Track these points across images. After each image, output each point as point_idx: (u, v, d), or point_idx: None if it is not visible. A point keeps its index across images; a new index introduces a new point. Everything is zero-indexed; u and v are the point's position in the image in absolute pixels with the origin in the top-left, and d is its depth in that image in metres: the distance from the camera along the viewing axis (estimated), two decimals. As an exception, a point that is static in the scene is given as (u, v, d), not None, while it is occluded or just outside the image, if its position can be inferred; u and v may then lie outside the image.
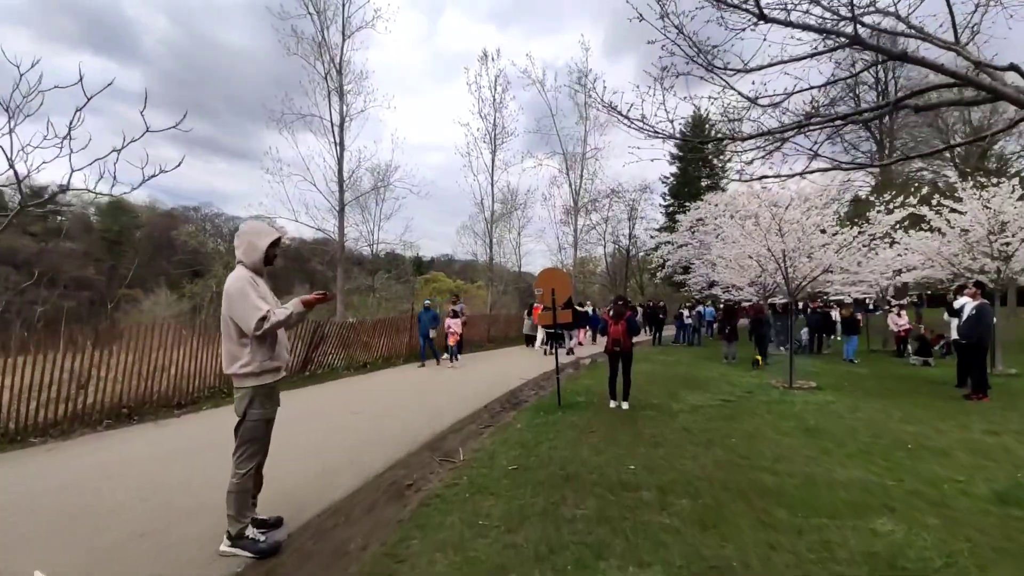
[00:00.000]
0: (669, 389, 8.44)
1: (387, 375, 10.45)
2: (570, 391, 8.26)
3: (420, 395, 8.21)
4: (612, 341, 6.77)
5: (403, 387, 9.02)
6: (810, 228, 8.00)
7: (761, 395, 7.96)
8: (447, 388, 8.95)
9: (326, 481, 4.19)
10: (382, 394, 8.34)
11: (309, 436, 5.51)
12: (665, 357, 13.77)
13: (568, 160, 26.26)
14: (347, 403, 7.40)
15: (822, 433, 5.54)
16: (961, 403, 7.31)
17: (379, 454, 4.92)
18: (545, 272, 7.08)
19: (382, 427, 6.01)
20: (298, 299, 2.97)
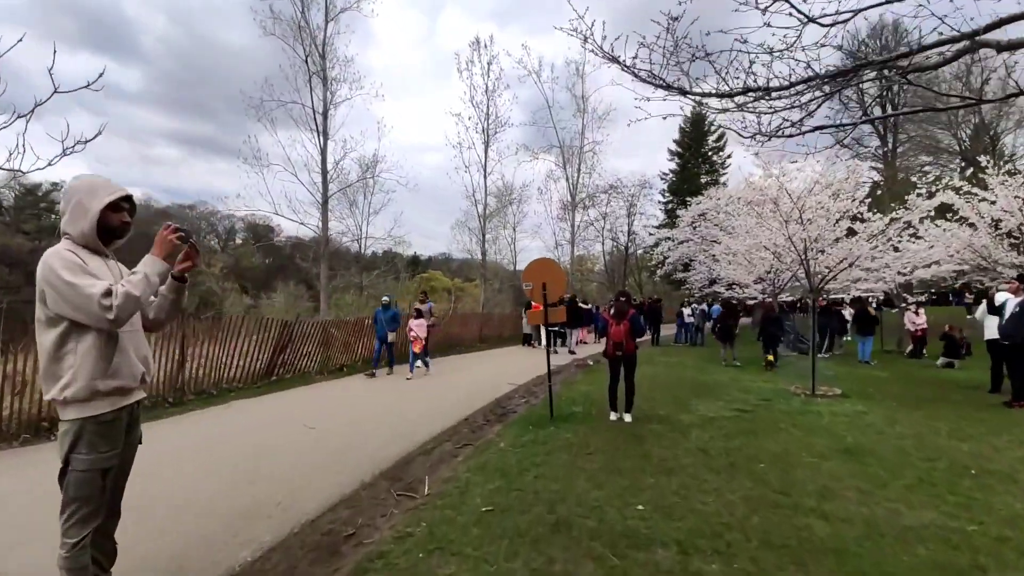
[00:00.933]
0: (676, 396, 7.49)
1: (362, 381, 9.46)
2: (565, 399, 7.30)
3: (394, 404, 7.23)
4: (613, 344, 5.81)
5: (376, 395, 8.04)
6: (835, 214, 7.06)
7: (781, 404, 7.02)
8: (426, 396, 7.97)
9: (238, 531, 3.21)
10: (350, 403, 7.36)
11: (241, 461, 4.54)
12: (667, 359, 12.83)
13: (565, 153, 25.31)
14: (306, 415, 6.41)
15: (866, 455, 4.60)
16: (1005, 413, 6.40)
17: (323, 487, 3.95)
18: (534, 264, 6.13)
19: (337, 447, 5.04)
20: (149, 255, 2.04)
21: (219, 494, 3.79)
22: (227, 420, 6.20)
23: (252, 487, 3.93)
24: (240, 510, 3.51)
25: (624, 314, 5.82)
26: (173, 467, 4.36)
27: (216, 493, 3.81)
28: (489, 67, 21.58)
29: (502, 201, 23.96)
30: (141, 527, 3.06)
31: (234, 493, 3.80)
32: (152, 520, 3.26)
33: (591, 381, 8.95)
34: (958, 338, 12.66)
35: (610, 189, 32.75)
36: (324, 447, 5.04)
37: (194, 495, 3.75)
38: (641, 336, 6.01)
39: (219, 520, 3.34)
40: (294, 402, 7.41)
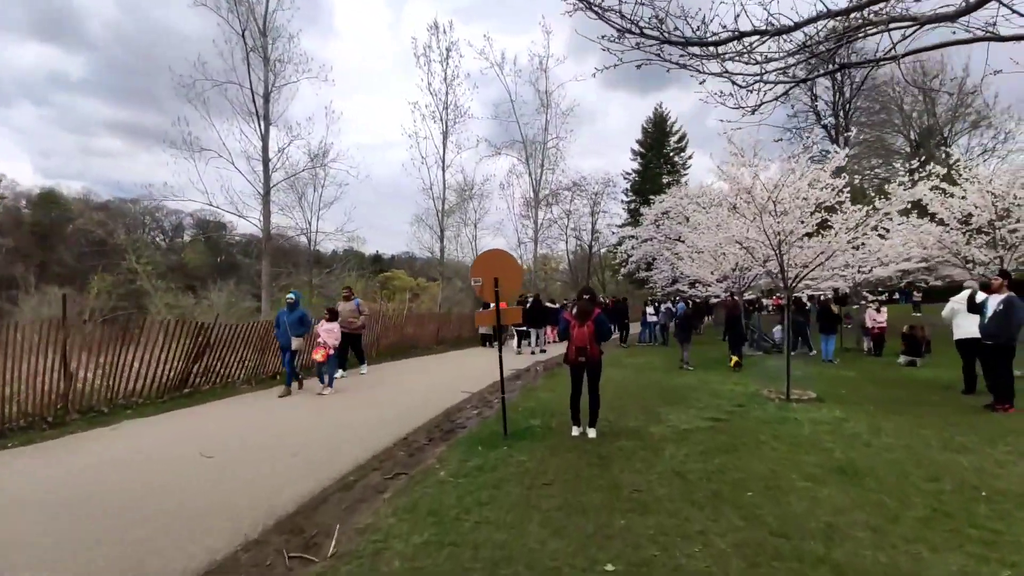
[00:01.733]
0: (645, 404, 6.82)
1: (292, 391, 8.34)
2: (523, 410, 6.49)
3: (320, 423, 6.21)
4: (575, 349, 5.02)
5: (302, 410, 6.96)
6: (812, 204, 6.55)
7: (756, 410, 6.45)
8: (362, 410, 6.98)
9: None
10: (266, 422, 6.25)
11: (92, 513, 3.47)
12: (634, 360, 12.25)
13: (528, 149, 24.59)
14: (207, 439, 5.32)
15: (863, 475, 3.99)
16: (990, 417, 6.03)
17: (189, 550, 2.95)
18: (485, 256, 5.26)
19: (231, 485, 4.02)
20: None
21: (41, 564, 2.74)
22: (102, 449, 5.04)
23: (89, 553, 2.89)
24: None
25: (588, 314, 5.04)
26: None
27: (40, 560, 2.75)
28: (448, 54, 20.56)
29: (462, 196, 22.98)
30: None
31: (58, 568, 2.76)
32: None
33: (554, 387, 8.18)
34: (919, 337, 12.71)
35: (574, 187, 32.39)
36: (214, 485, 4.01)
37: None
38: (607, 339, 5.26)
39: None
40: (200, 422, 6.25)
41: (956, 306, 7.29)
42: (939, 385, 8.42)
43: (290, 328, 7.83)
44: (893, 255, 8.07)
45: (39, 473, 4.31)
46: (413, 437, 5.42)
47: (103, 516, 3.38)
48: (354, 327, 9.74)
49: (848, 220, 6.11)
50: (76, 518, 3.36)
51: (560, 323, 5.25)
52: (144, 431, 5.78)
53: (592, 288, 5.47)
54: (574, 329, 5.04)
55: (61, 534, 3.12)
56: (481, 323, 5.34)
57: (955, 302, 7.32)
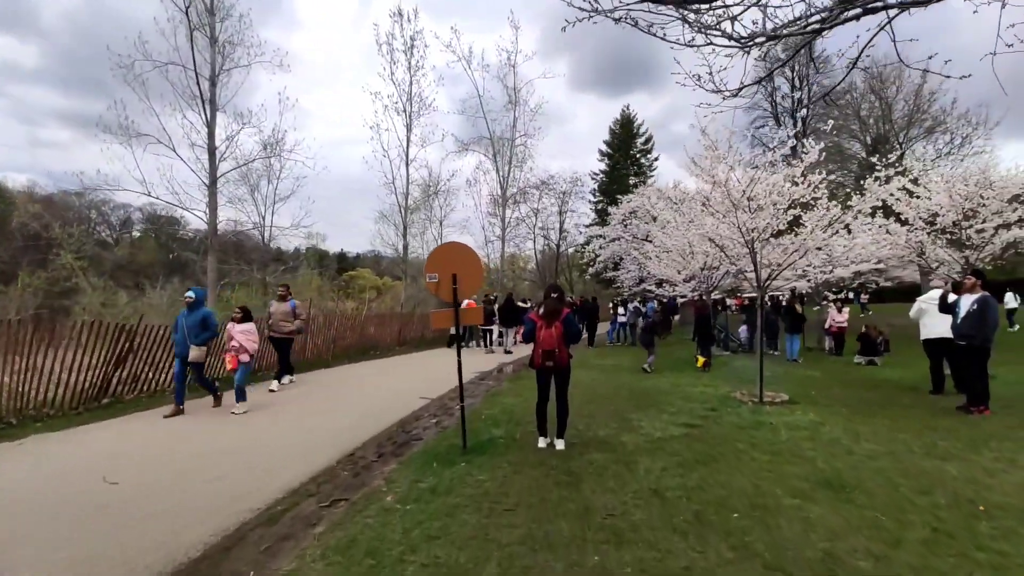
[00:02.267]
0: (615, 409, 6.43)
1: (229, 399, 7.55)
2: (486, 418, 5.98)
3: (257, 435, 5.52)
4: (542, 352, 4.55)
5: (236, 423, 6.20)
6: (787, 200, 6.32)
7: (730, 414, 6.16)
8: (311, 418, 6.31)
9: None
10: (194, 436, 5.49)
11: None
12: (603, 361, 11.93)
13: (496, 145, 24.06)
14: (118, 459, 4.57)
15: (851, 488, 3.68)
16: (965, 420, 5.91)
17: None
18: (442, 250, 4.71)
19: (128, 521, 3.33)
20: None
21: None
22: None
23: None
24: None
25: (557, 314, 4.58)
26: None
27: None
28: (413, 43, 19.78)
29: (427, 192, 22.24)
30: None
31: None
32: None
33: (520, 391, 7.71)
34: (874, 336, 12.96)
35: (542, 185, 32.13)
36: (111, 520, 3.32)
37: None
38: (576, 341, 4.81)
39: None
40: (113, 438, 5.43)
41: (924, 306, 7.24)
42: (905, 385, 8.42)
43: (189, 333, 6.37)
44: (865, 254, 7.99)
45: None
46: (361, 453, 4.82)
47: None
48: (286, 332, 8.61)
49: (824, 217, 5.90)
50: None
51: (525, 324, 4.77)
52: (50, 449, 4.96)
53: (560, 286, 5.00)
54: (541, 331, 4.57)
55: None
56: (438, 324, 4.76)
57: (923, 302, 7.28)
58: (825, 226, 5.94)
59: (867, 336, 12.88)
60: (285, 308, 8.63)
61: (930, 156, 19.44)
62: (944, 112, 18.58)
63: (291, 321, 8.63)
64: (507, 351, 14.40)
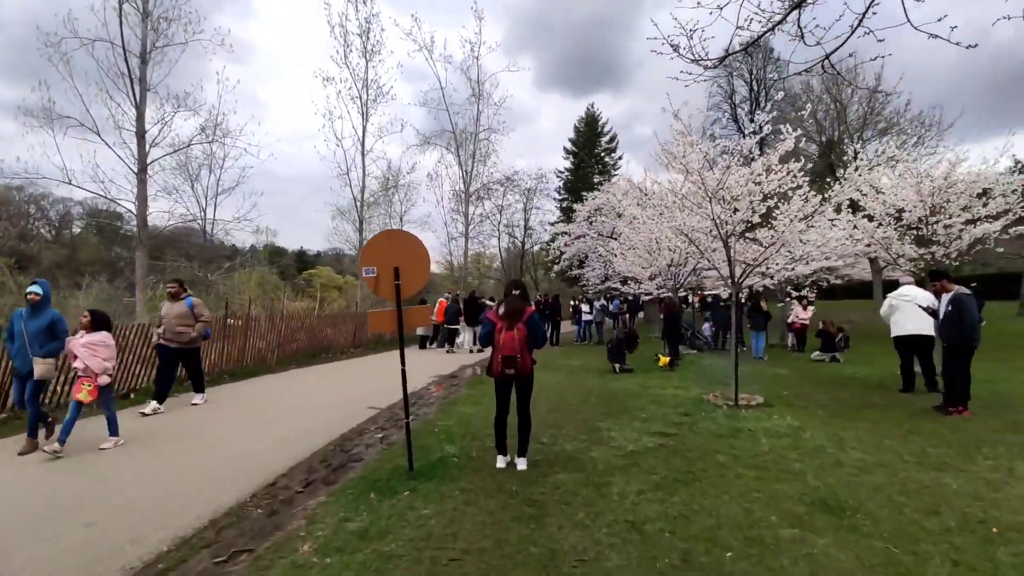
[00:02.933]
0: (583, 417, 5.87)
1: (128, 418, 6.54)
2: (440, 431, 5.29)
3: (156, 461, 4.63)
4: (503, 359, 3.90)
5: (136, 445, 5.29)
6: (763, 191, 5.92)
7: (705, 419, 5.71)
8: (233, 436, 5.45)
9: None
10: (75, 465, 4.58)
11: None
12: (568, 362, 11.42)
13: (459, 138, 23.25)
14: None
15: (852, 511, 3.22)
16: (947, 422, 5.65)
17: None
18: (379, 239, 3.95)
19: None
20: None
21: None
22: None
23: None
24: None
25: (520, 314, 3.94)
26: None
27: None
28: (369, 26, 18.68)
29: (387, 186, 21.19)
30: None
31: None
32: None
33: (479, 398, 7.05)
34: (834, 332, 13.05)
35: (507, 181, 31.51)
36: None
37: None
38: (542, 345, 4.20)
39: None
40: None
41: (895, 302, 7.05)
42: (872, 383, 8.26)
43: (31, 341, 4.78)
44: (841, 250, 7.78)
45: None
46: (285, 482, 4.04)
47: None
48: (184, 340, 6.68)
49: (804, 207, 5.52)
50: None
51: (483, 326, 4.11)
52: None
53: (522, 282, 4.36)
54: (501, 333, 3.92)
55: None
56: (377, 328, 4.03)
57: (894, 298, 7.09)
58: (803, 218, 5.57)
59: (826, 332, 13.00)
60: (180, 309, 6.67)
61: (883, 158, 20.15)
62: (898, 114, 19.15)
63: (191, 325, 6.71)
64: (471, 351, 13.79)
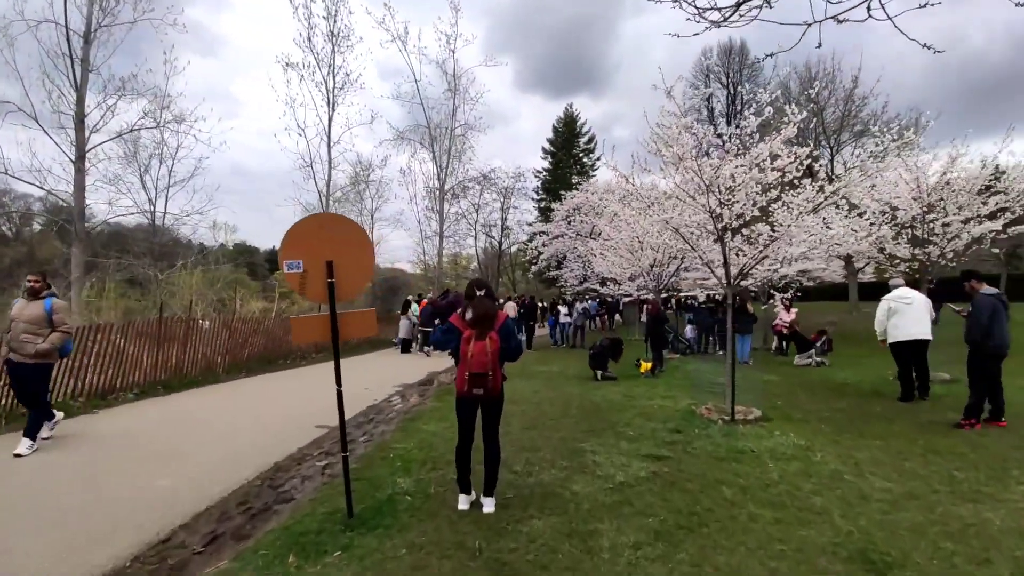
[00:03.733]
0: (564, 436, 5.13)
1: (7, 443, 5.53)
2: (393, 457, 4.48)
3: (27, 500, 3.70)
4: (471, 377, 3.10)
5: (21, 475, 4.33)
6: (767, 181, 5.30)
7: (700, 438, 5.04)
8: (124, 470, 4.51)
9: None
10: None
11: None
12: (546, 368, 10.69)
13: (433, 133, 22.35)
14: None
15: (898, 567, 2.56)
16: (961, 436, 5.11)
17: None
18: (306, 225, 3.05)
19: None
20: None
21: None
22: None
23: None
24: None
25: (491, 321, 3.17)
26: None
27: None
28: (336, 8, 17.56)
29: (356, 180, 20.11)
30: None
31: None
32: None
33: (446, 412, 6.23)
34: (815, 336, 12.74)
35: (484, 180, 30.66)
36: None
37: None
38: (516, 357, 3.42)
39: None
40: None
41: (894, 304, 6.55)
42: (866, 391, 7.79)
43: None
44: (846, 247, 7.25)
45: None
46: (184, 536, 3.16)
47: None
48: (27, 353, 4.79)
49: (816, 197, 4.89)
50: None
51: (442, 333, 3.33)
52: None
53: (486, 281, 3.59)
54: (470, 344, 3.13)
55: None
56: (302, 338, 3.18)
57: (891, 300, 6.58)
58: (812, 209, 4.94)
59: (796, 333, 12.69)
60: (34, 311, 4.88)
61: (860, 158, 20.14)
62: (874, 116, 19.12)
63: (42, 334, 4.86)
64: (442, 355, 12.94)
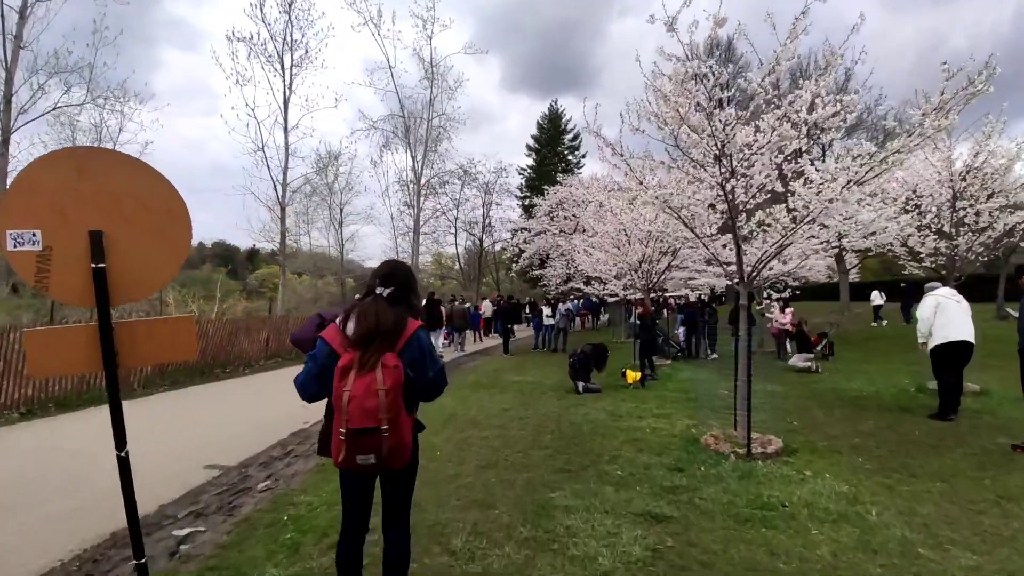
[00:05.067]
0: (530, 480, 3.88)
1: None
2: (287, 522, 3.16)
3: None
4: (350, 436, 1.74)
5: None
6: (792, 143, 4.11)
7: (712, 483, 3.82)
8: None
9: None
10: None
11: None
12: (522, 377, 9.41)
13: (408, 120, 20.93)
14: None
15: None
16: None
17: None
18: (43, 168, 1.68)
19: None
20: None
21: None
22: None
23: None
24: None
25: (392, 337, 1.86)
26: None
27: None
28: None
29: (322, 166, 18.54)
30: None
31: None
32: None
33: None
34: (817, 339, 11.84)
35: (464, 174, 29.29)
36: None
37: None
38: (435, 394, 2.08)
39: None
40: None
41: (943, 301, 5.44)
42: (888, 404, 6.68)
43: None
44: (884, 237, 6.11)
45: None
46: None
47: None
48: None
49: (860, 161, 3.67)
50: None
51: (308, 362, 1.96)
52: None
53: (403, 266, 2.24)
54: (346, 380, 1.78)
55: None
56: (43, 367, 1.80)
57: (940, 296, 5.48)
58: (859, 181, 3.72)
59: (804, 335, 11.85)
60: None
61: (852, 154, 19.30)
62: (868, 111, 18.35)
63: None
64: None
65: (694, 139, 3.84)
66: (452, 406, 6.85)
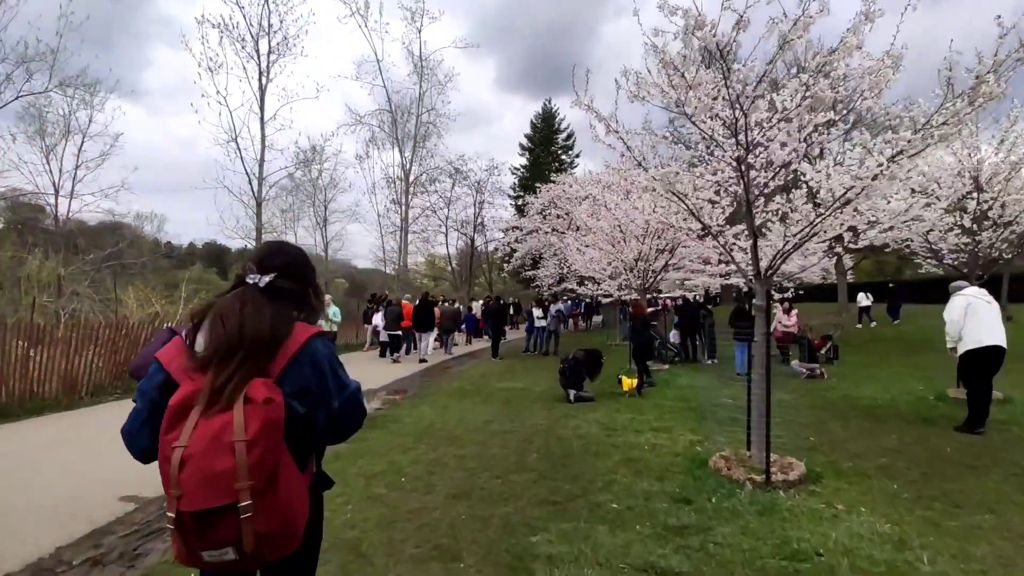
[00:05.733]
0: (508, 517, 3.22)
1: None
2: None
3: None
4: (186, 528, 1.06)
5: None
6: (807, 126, 3.50)
7: (728, 521, 3.19)
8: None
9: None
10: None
11: None
12: (510, 384, 8.75)
13: (395, 114, 20.24)
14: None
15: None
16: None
17: None
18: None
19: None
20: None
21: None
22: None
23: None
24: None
25: (265, 352, 1.20)
26: None
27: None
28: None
29: (305, 160, 17.80)
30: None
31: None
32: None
33: (370, 463, 4.25)
34: (820, 343, 11.29)
35: (455, 172, 28.58)
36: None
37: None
38: (346, 434, 1.42)
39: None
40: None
41: (973, 302, 4.85)
42: (908, 414, 6.10)
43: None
44: (918, 227, 5.52)
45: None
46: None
47: None
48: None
49: (912, 140, 3.03)
50: None
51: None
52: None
53: (294, 248, 1.56)
54: (185, 428, 1.08)
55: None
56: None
57: (971, 296, 4.90)
58: (912, 154, 3.08)
59: (808, 340, 11.27)
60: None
61: (852, 152, 18.82)
62: (867, 108, 17.83)
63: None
64: (421, 359, 11.67)
65: (705, 103, 3.20)
66: (430, 417, 6.19)
